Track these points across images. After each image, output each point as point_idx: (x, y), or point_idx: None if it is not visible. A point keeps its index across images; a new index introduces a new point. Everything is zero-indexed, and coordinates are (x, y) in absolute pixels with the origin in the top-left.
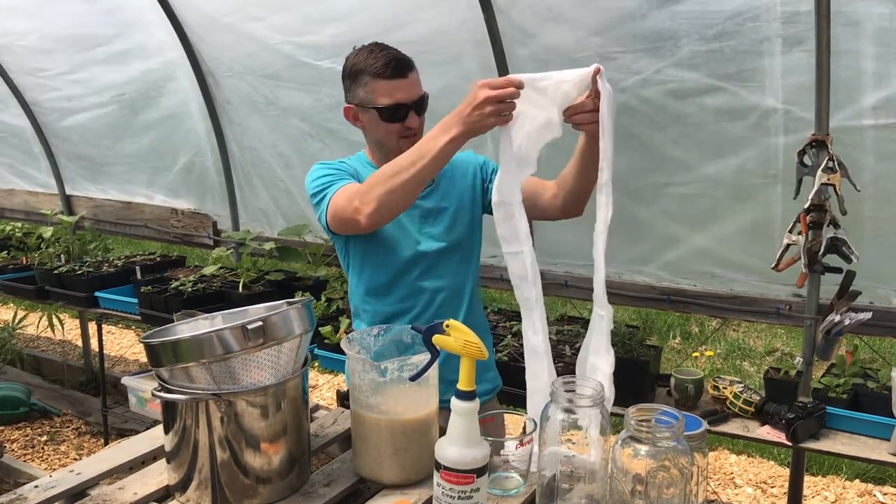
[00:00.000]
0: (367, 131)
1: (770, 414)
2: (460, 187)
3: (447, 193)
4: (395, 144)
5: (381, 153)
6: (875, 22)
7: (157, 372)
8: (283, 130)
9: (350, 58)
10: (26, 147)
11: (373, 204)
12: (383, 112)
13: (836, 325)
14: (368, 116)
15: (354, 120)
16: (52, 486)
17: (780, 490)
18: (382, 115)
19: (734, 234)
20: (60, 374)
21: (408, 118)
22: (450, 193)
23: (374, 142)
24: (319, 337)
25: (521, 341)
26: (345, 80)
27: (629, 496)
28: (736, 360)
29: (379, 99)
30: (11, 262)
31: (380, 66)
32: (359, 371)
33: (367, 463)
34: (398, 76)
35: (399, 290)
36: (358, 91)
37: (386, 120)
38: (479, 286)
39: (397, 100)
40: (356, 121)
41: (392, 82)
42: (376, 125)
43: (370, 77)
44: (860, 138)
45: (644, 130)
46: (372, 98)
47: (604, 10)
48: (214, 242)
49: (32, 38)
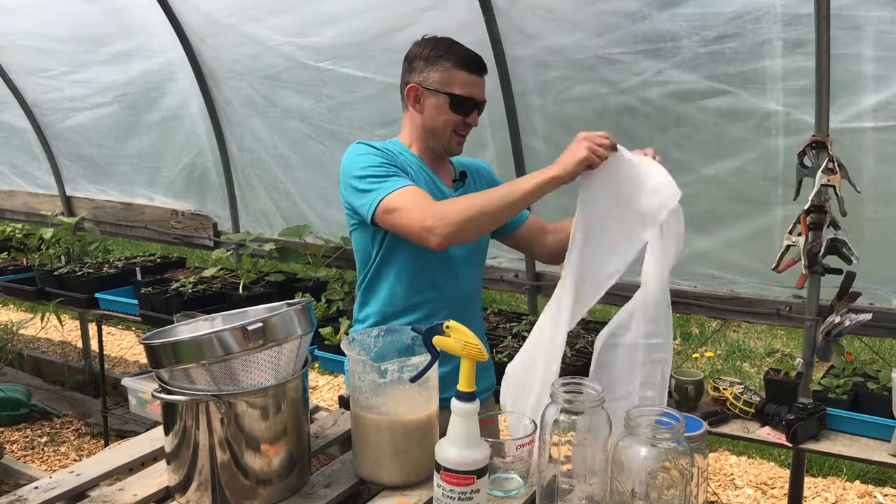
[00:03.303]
0: (422, 115)
1: (770, 415)
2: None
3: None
4: (448, 137)
5: (425, 142)
6: (875, 25)
7: (157, 373)
8: (284, 132)
9: (426, 42)
10: (27, 148)
11: (452, 227)
12: (455, 100)
13: (837, 327)
14: (435, 101)
15: (414, 101)
16: (52, 487)
17: (780, 491)
18: (453, 102)
19: (734, 236)
20: (61, 376)
21: (471, 115)
22: None
23: (427, 129)
24: (319, 338)
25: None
26: (416, 61)
27: (629, 497)
28: (736, 361)
29: (455, 87)
30: (12, 263)
31: (464, 58)
32: (359, 372)
33: (368, 464)
34: (478, 73)
35: (419, 285)
36: (432, 74)
37: (454, 109)
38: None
39: (471, 94)
40: (416, 103)
41: (471, 77)
42: (439, 111)
43: (452, 65)
44: (860, 140)
45: (645, 132)
46: (449, 85)
47: (604, 11)
48: (215, 243)
49: (33, 39)
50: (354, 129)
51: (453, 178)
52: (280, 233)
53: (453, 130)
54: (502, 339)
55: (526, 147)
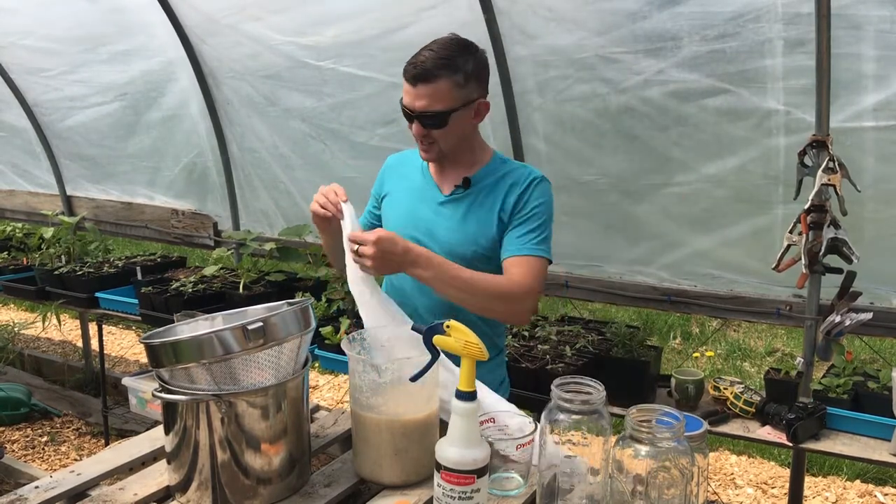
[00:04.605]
0: None
1: (770, 414)
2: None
3: None
4: (418, 145)
5: None
6: (875, 25)
7: (157, 373)
8: (284, 131)
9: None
10: (28, 147)
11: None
12: (401, 108)
13: (837, 326)
14: None
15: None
16: (52, 486)
17: (780, 490)
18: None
19: (735, 235)
20: (61, 375)
21: (412, 124)
22: None
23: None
24: (320, 337)
25: (521, 342)
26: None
27: (629, 496)
28: (736, 360)
29: (403, 96)
30: (12, 262)
31: (407, 65)
32: (359, 371)
33: (368, 463)
34: (411, 82)
35: (392, 292)
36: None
37: (405, 117)
38: None
39: (406, 102)
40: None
41: (407, 85)
42: None
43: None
44: (860, 140)
45: (645, 131)
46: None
47: (605, 10)
48: (215, 243)
49: (33, 39)
50: (356, 128)
51: (456, 185)
52: (280, 232)
53: (416, 138)
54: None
55: (526, 146)
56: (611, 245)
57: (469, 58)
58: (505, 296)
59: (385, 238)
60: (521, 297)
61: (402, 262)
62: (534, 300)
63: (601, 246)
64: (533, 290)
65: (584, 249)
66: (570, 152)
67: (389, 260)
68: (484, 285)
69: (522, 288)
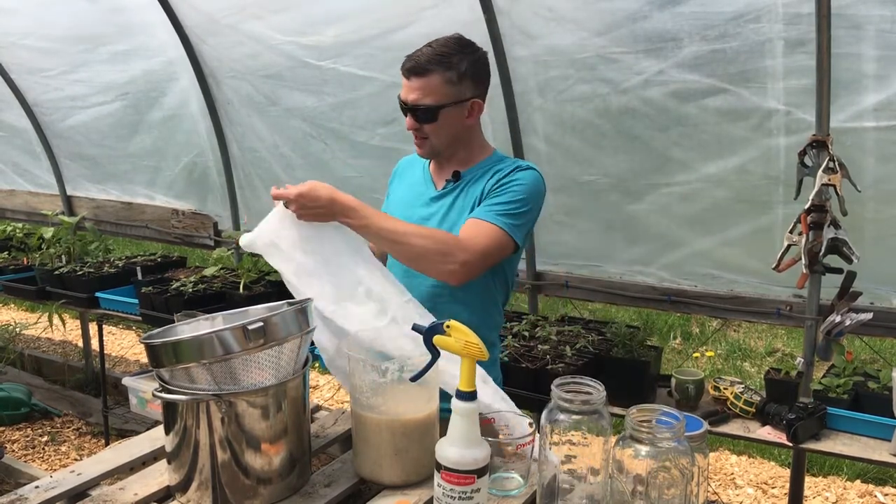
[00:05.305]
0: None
1: (771, 414)
2: None
3: None
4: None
5: None
6: (876, 25)
7: (157, 372)
8: (285, 131)
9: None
10: (28, 147)
11: None
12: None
13: (837, 326)
14: None
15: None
16: (52, 486)
17: (780, 491)
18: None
19: (735, 235)
20: (61, 375)
21: (407, 117)
22: None
23: None
24: None
25: (521, 342)
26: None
27: (629, 496)
28: (736, 360)
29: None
30: (12, 262)
31: (405, 59)
32: (359, 371)
33: (368, 463)
34: (406, 75)
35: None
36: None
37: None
38: None
39: (401, 95)
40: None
41: (403, 79)
42: None
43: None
44: (861, 140)
45: (645, 131)
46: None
47: (605, 11)
48: (215, 243)
49: (33, 39)
50: (356, 127)
51: (447, 179)
52: None
53: (411, 132)
54: (503, 339)
55: (526, 146)
56: (611, 245)
57: (465, 57)
58: (438, 247)
59: (306, 192)
60: (453, 250)
61: (328, 212)
62: (469, 258)
63: (601, 246)
64: (471, 250)
65: (585, 249)
66: (570, 152)
67: (314, 210)
68: (416, 232)
69: (460, 244)
